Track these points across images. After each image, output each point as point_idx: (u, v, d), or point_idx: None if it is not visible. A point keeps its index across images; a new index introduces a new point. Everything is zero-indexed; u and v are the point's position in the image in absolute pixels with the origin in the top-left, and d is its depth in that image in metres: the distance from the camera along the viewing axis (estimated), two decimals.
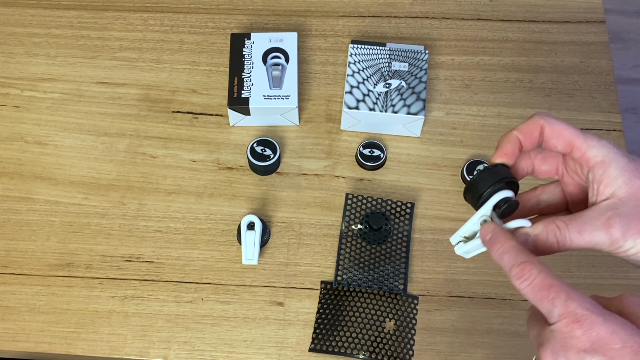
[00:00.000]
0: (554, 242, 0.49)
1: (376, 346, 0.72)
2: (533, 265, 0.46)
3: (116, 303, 0.76)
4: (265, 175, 0.82)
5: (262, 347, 0.74)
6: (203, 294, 0.76)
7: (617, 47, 1.69)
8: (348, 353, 0.72)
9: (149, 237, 0.79)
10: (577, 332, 0.43)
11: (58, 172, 0.82)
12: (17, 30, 0.91)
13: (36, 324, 0.75)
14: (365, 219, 0.79)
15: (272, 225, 0.80)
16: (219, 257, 0.78)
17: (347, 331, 0.74)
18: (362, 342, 0.73)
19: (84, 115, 0.86)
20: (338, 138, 0.85)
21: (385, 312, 0.75)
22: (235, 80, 0.83)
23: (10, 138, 0.84)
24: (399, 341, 0.73)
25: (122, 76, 0.88)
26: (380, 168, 0.83)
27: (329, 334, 0.74)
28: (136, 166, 0.83)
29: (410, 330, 0.74)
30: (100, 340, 0.74)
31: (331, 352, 0.73)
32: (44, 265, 0.77)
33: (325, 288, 0.75)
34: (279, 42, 0.85)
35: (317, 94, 0.87)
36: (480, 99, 0.88)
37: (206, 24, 0.92)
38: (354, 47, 0.85)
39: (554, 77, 0.89)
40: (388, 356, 0.72)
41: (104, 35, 0.91)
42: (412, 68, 0.83)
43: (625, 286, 0.77)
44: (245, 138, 0.84)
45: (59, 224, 0.79)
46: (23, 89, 0.87)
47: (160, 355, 0.74)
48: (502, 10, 0.94)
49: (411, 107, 0.81)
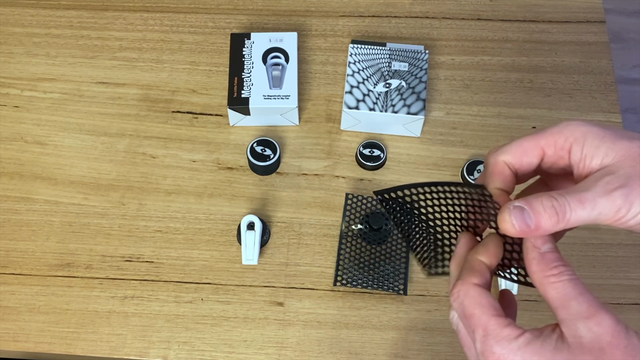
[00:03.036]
0: (553, 214, 0.43)
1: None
2: (463, 286, 0.44)
3: (116, 303, 0.76)
4: (265, 175, 0.82)
5: (262, 347, 0.74)
6: (203, 294, 0.76)
7: (617, 47, 1.69)
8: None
9: (149, 237, 0.79)
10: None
11: (58, 172, 0.82)
12: (17, 30, 0.91)
13: (36, 324, 0.75)
14: (365, 219, 0.78)
15: (272, 225, 0.80)
16: (219, 257, 0.78)
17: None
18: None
19: (84, 115, 0.86)
20: (338, 138, 0.85)
21: None
22: (235, 80, 0.83)
23: (10, 138, 0.84)
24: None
25: (122, 76, 0.88)
26: (380, 168, 0.83)
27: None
28: (136, 166, 0.83)
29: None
30: (100, 340, 0.74)
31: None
32: (44, 265, 0.77)
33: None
34: (279, 42, 0.85)
35: (317, 94, 0.87)
36: (480, 99, 0.87)
37: (206, 24, 0.92)
38: (354, 47, 0.85)
39: (554, 77, 0.89)
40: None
41: (103, 35, 0.91)
42: (412, 68, 0.83)
43: (625, 286, 0.77)
44: (245, 138, 0.84)
45: (58, 224, 0.79)
46: (23, 89, 0.87)
47: (160, 356, 0.74)
48: (502, 10, 0.94)
49: (411, 107, 0.81)
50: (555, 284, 0.42)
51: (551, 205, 0.43)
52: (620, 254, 0.79)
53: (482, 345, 0.42)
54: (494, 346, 0.42)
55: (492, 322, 0.43)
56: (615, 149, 0.44)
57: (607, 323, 0.41)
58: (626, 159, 0.43)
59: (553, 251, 0.44)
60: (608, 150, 0.44)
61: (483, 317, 0.43)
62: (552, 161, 0.47)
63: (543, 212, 0.43)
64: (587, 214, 0.43)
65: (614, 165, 0.44)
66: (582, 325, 0.41)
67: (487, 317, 0.43)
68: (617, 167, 0.43)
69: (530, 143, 0.47)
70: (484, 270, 0.46)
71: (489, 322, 0.43)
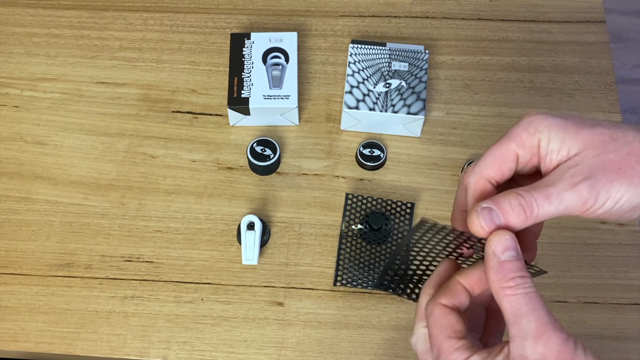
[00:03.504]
0: (520, 212, 0.43)
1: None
2: (430, 304, 0.45)
3: (116, 303, 0.76)
4: (265, 175, 0.82)
5: (262, 347, 0.74)
6: (203, 294, 0.76)
7: (617, 47, 1.69)
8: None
9: (149, 237, 0.79)
10: None
11: (58, 172, 0.82)
12: (16, 30, 0.91)
13: (36, 324, 0.75)
14: (365, 219, 0.78)
15: (272, 225, 0.80)
16: (218, 257, 0.78)
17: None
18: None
19: (84, 115, 0.86)
20: (338, 138, 0.85)
21: None
22: (235, 80, 0.83)
23: (10, 138, 0.84)
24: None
25: (122, 76, 0.88)
26: (380, 168, 0.83)
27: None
28: (136, 166, 0.83)
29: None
30: (100, 340, 0.74)
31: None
32: (44, 265, 0.77)
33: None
34: (279, 42, 0.85)
35: (317, 94, 0.87)
36: (480, 98, 0.87)
37: (206, 23, 0.92)
38: (354, 47, 0.85)
39: (554, 77, 0.89)
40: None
41: (103, 35, 0.91)
42: (412, 68, 0.83)
43: (625, 286, 0.77)
44: (245, 138, 0.84)
45: (58, 224, 0.79)
46: (23, 88, 0.87)
47: (160, 356, 0.74)
48: (502, 10, 0.94)
49: (411, 107, 0.81)
50: (510, 297, 0.42)
51: (518, 203, 0.43)
52: (620, 254, 0.79)
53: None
54: None
55: (445, 343, 0.44)
56: (579, 139, 0.44)
57: (554, 343, 0.40)
58: (589, 148, 0.43)
59: (514, 259, 0.43)
60: (572, 141, 0.44)
61: (439, 337, 0.44)
62: (526, 160, 0.46)
63: (511, 210, 0.43)
64: (554, 208, 0.43)
65: (579, 155, 0.43)
66: (529, 345, 0.40)
67: (442, 337, 0.44)
68: (582, 158, 0.43)
69: (502, 149, 0.46)
70: (459, 292, 0.46)
71: (443, 343, 0.44)
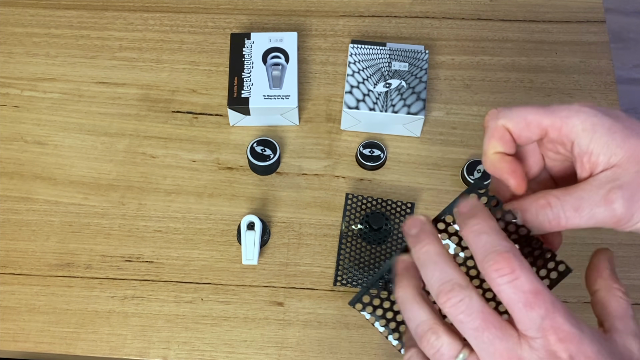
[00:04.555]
0: (545, 221, 0.42)
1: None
2: (517, 261, 0.38)
3: (116, 303, 0.76)
4: (265, 175, 0.82)
5: (262, 347, 0.74)
6: (203, 294, 0.76)
7: (617, 47, 1.69)
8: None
9: (149, 237, 0.79)
10: (562, 353, 0.38)
11: (58, 172, 0.82)
12: (16, 30, 0.91)
13: (36, 324, 0.75)
14: (365, 219, 0.78)
15: (272, 225, 0.80)
16: (218, 257, 0.78)
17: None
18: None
19: (84, 115, 0.86)
20: (338, 138, 0.85)
21: None
22: (235, 80, 0.83)
23: (10, 138, 0.84)
24: None
25: (122, 76, 0.88)
26: (380, 168, 0.83)
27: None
28: (136, 166, 0.83)
29: None
30: (100, 340, 0.74)
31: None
32: (44, 265, 0.77)
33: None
34: (279, 42, 0.85)
35: (317, 94, 0.87)
36: (480, 98, 0.87)
37: (206, 23, 0.92)
38: (354, 47, 0.85)
39: (554, 77, 0.89)
40: None
41: (103, 35, 0.91)
42: (412, 68, 0.83)
43: (625, 286, 0.77)
44: (245, 138, 0.84)
45: (58, 224, 0.79)
46: (23, 88, 0.87)
47: (160, 356, 0.74)
48: (502, 10, 0.94)
49: (411, 107, 0.81)
50: (619, 299, 0.44)
51: (544, 213, 0.42)
52: (620, 254, 0.79)
53: (549, 322, 0.38)
54: (564, 324, 0.38)
55: (558, 300, 0.39)
56: (624, 148, 0.41)
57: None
58: (632, 161, 0.41)
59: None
60: (616, 149, 0.41)
61: (549, 295, 0.38)
62: (552, 143, 0.45)
63: (535, 218, 0.42)
64: (583, 222, 0.42)
65: (620, 167, 0.41)
66: (634, 341, 0.42)
67: (552, 295, 0.39)
68: (623, 171, 0.41)
69: (535, 118, 0.43)
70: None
71: (555, 300, 0.38)
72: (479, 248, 0.40)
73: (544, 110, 0.43)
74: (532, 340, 0.38)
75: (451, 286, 0.40)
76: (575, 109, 0.43)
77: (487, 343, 0.39)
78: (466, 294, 0.40)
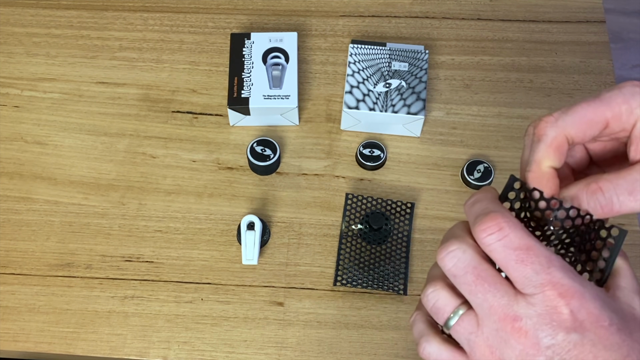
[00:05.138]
0: (597, 206, 0.40)
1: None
2: (505, 218, 0.37)
3: (116, 303, 0.76)
4: (265, 175, 0.82)
5: (262, 347, 0.74)
6: (203, 294, 0.76)
7: (617, 47, 1.69)
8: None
9: (149, 237, 0.79)
10: (563, 308, 0.37)
11: (58, 172, 0.82)
12: (17, 30, 0.91)
13: (36, 324, 0.75)
14: (365, 219, 0.78)
15: (272, 225, 0.80)
16: (218, 257, 0.78)
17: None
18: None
19: (84, 115, 0.86)
20: (338, 138, 0.85)
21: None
22: (235, 80, 0.83)
23: (10, 138, 0.84)
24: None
25: (122, 76, 0.88)
26: (380, 168, 0.83)
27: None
28: (136, 166, 0.83)
29: None
30: (100, 340, 0.74)
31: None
32: (44, 265, 0.77)
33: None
34: (279, 42, 0.85)
35: (317, 94, 0.87)
36: (480, 98, 0.87)
37: (206, 24, 0.92)
38: (354, 47, 0.85)
39: (554, 77, 0.89)
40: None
41: (103, 35, 0.91)
42: (412, 68, 0.83)
43: None
44: (245, 138, 0.84)
45: (58, 224, 0.79)
46: (23, 88, 0.87)
47: (160, 356, 0.74)
48: (502, 10, 0.94)
49: (411, 107, 0.81)
50: (621, 257, 0.41)
51: (596, 199, 0.40)
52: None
53: (546, 276, 0.37)
54: (562, 278, 0.37)
55: (554, 255, 0.38)
56: None
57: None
58: None
59: None
60: None
61: (543, 249, 0.37)
62: (611, 134, 0.42)
63: (585, 206, 0.40)
64: (638, 206, 0.40)
65: None
66: (637, 298, 0.40)
67: (547, 249, 0.38)
68: None
69: (596, 114, 0.41)
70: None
71: (552, 255, 0.37)
72: (471, 216, 0.39)
73: (600, 102, 0.41)
74: (531, 296, 0.37)
75: (447, 239, 0.39)
76: (629, 91, 0.41)
77: (481, 299, 0.38)
78: (458, 246, 0.39)
